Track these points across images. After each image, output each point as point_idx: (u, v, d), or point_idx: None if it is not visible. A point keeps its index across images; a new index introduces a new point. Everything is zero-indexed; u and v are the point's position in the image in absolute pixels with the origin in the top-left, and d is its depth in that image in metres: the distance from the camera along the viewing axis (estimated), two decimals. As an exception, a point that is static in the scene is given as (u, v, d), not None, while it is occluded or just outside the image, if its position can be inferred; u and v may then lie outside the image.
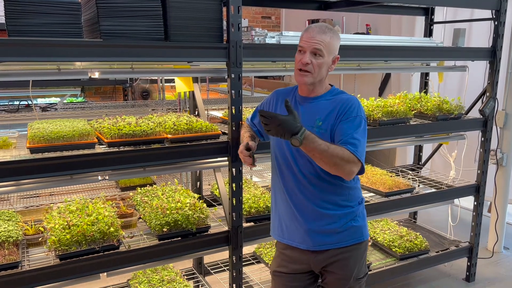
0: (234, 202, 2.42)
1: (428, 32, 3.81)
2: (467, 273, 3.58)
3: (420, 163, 4.05)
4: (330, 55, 1.88)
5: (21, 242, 2.30)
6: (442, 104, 3.25)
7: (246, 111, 2.72)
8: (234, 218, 2.44)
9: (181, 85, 2.78)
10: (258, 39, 2.48)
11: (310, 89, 1.94)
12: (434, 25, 3.82)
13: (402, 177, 3.61)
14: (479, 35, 4.50)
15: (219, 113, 3.20)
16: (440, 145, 3.93)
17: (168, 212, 2.38)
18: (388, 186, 3.16)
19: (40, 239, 2.35)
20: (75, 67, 2.13)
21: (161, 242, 2.31)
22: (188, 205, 2.44)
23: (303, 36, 1.89)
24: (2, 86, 5.21)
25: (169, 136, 2.35)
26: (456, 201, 3.61)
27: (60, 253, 2.08)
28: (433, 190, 3.39)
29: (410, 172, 3.78)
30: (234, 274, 2.52)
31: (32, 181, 2.01)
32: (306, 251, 1.98)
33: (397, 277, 3.28)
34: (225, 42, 2.29)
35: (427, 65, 3.55)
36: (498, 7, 3.15)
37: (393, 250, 3.21)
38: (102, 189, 3.44)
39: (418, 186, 3.50)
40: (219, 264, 3.23)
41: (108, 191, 3.37)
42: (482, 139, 3.41)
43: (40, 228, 2.42)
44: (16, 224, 2.40)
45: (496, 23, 3.21)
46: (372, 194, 3.17)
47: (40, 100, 5.26)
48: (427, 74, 3.89)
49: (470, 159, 3.85)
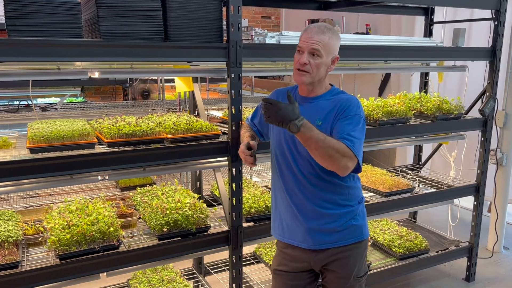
0: (234, 202, 2.42)
1: (428, 32, 3.81)
2: (467, 273, 3.58)
3: (420, 163, 4.05)
4: (329, 55, 1.88)
5: (21, 242, 2.30)
6: (442, 104, 3.25)
7: (246, 111, 2.72)
8: (234, 218, 2.44)
9: (181, 85, 2.78)
10: (258, 39, 2.48)
11: (309, 89, 1.95)
12: (434, 25, 3.82)
13: (402, 177, 3.61)
14: (479, 35, 4.50)
15: (219, 113, 3.20)
16: (440, 145, 3.93)
17: (168, 212, 2.38)
18: (388, 186, 3.16)
19: (40, 239, 2.35)
20: (75, 67, 2.13)
21: (161, 242, 2.31)
22: (188, 205, 2.44)
23: (301, 36, 1.89)
24: (2, 86, 5.20)
25: (169, 136, 2.35)
26: (456, 201, 3.61)
27: (60, 253, 2.08)
28: (433, 190, 3.39)
29: (410, 172, 3.78)
30: (234, 274, 2.52)
31: (32, 181, 2.01)
32: (307, 250, 1.98)
33: (397, 277, 3.28)
34: (225, 42, 2.29)
35: (427, 65, 3.55)
36: (498, 7, 3.16)
37: (393, 250, 3.21)
38: (102, 189, 3.44)
39: (418, 186, 3.50)
40: (219, 264, 3.23)
41: (108, 191, 3.37)
42: (482, 139, 3.41)
43: (40, 228, 2.42)
44: (16, 224, 2.40)
45: (496, 23, 3.21)
46: (372, 194, 3.17)
47: (40, 100, 5.26)
48: (427, 74, 3.89)
49: (470, 159, 3.85)
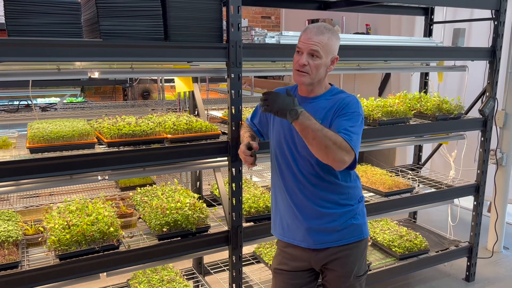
0: (234, 202, 2.42)
1: (428, 32, 3.81)
2: (467, 273, 3.58)
3: (420, 163, 4.05)
4: (328, 55, 1.88)
5: (20, 242, 2.30)
6: (442, 104, 3.25)
7: (246, 111, 2.72)
8: (234, 218, 2.44)
9: (181, 85, 2.78)
10: (257, 39, 2.48)
11: (309, 89, 1.95)
12: (434, 25, 3.82)
13: (402, 177, 3.61)
14: (479, 35, 4.50)
15: (219, 113, 3.19)
16: (440, 145, 3.93)
17: (168, 212, 2.38)
18: (388, 186, 3.16)
19: (40, 239, 2.35)
20: (75, 67, 2.12)
21: (161, 242, 2.31)
22: (188, 205, 2.44)
23: (301, 37, 1.88)
24: (2, 86, 5.20)
25: (169, 136, 2.34)
26: (456, 201, 3.61)
27: (60, 253, 2.08)
28: (433, 190, 3.39)
29: (410, 172, 3.78)
30: (234, 274, 2.52)
31: (32, 181, 2.01)
32: (307, 249, 1.99)
33: (397, 277, 3.28)
34: (224, 42, 2.29)
35: (426, 65, 3.55)
36: (498, 7, 3.16)
37: (393, 250, 3.21)
38: (102, 189, 3.44)
39: (418, 186, 3.51)
40: (219, 264, 3.23)
41: (108, 191, 3.37)
42: (482, 139, 3.41)
43: (40, 228, 2.42)
44: (16, 224, 2.40)
45: (495, 23, 3.21)
46: (372, 194, 3.17)
47: (39, 100, 5.26)
48: (426, 74, 3.89)
49: (469, 159, 3.85)
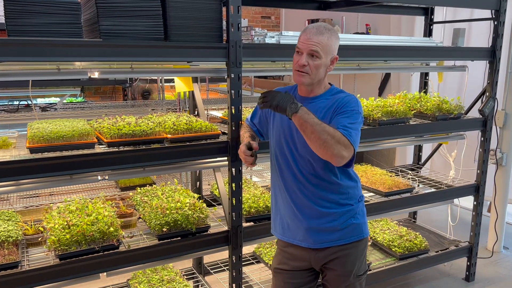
0: (234, 202, 2.42)
1: (428, 32, 3.81)
2: (467, 273, 3.58)
3: (420, 163, 4.06)
4: (328, 56, 1.88)
5: (20, 242, 2.30)
6: (442, 104, 3.25)
7: (246, 111, 2.71)
8: (234, 218, 2.44)
9: (181, 85, 2.78)
10: (257, 39, 2.48)
11: (309, 89, 1.95)
12: (434, 25, 3.82)
13: (402, 177, 3.61)
14: (479, 35, 4.50)
15: (218, 113, 3.19)
16: (439, 145, 3.93)
17: (167, 212, 2.38)
18: (388, 186, 3.16)
19: (39, 239, 2.35)
20: (74, 67, 2.12)
21: (161, 242, 2.31)
22: (187, 205, 2.44)
23: (300, 37, 1.88)
24: (2, 86, 5.21)
25: (169, 136, 2.34)
26: (455, 201, 3.61)
27: (60, 253, 2.08)
28: (433, 190, 3.39)
29: (410, 172, 3.78)
30: (234, 274, 2.52)
31: (31, 181, 2.01)
32: (307, 248, 1.99)
33: (396, 276, 3.28)
34: (224, 42, 2.29)
35: (426, 65, 3.55)
36: (498, 7, 3.16)
37: (393, 250, 3.21)
38: (101, 189, 3.44)
39: (418, 186, 3.51)
40: (218, 264, 3.23)
41: (108, 191, 3.37)
42: (482, 139, 3.41)
43: (39, 228, 2.42)
44: (16, 224, 2.40)
45: (495, 23, 3.21)
46: (371, 194, 3.17)
47: (39, 100, 5.26)
48: (426, 74, 3.89)
49: (469, 159, 3.85)
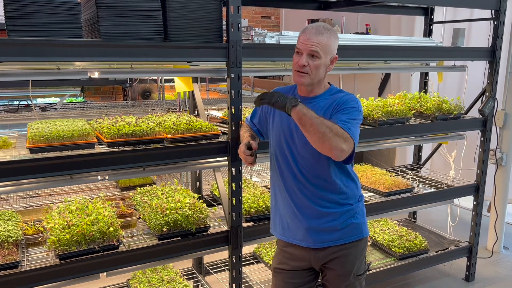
0: (234, 202, 2.42)
1: (428, 32, 3.81)
2: (467, 273, 3.58)
3: (420, 163, 4.06)
4: (328, 55, 1.88)
5: (20, 242, 2.30)
6: (442, 104, 3.25)
7: (246, 111, 2.71)
8: (234, 218, 2.44)
9: (181, 85, 2.78)
10: (257, 39, 2.48)
11: (309, 89, 1.95)
12: (434, 25, 3.82)
13: (402, 177, 3.61)
14: (479, 35, 4.50)
15: (218, 113, 3.19)
16: (439, 145, 3.93)
17: (167, 212, 2.38)
18: (388, 186, 3.16)
19: (39, 239, 2.35)
20: (74, 67, 2.12)
21: (161, 242, 2.31)
22: (187, 205, 2.44)
23: (300, 38, 1.88)
24: (2, 86, 5.21)
25: (169, 136, 2.35)
26: (455, 200, 3.61)
27: (60, 253, 2.08)
28: (433, 190, 3.39)
29: (410, 172, 3.78)
30: (234, 274, 2.52)
31: (31, 181, 2.01)
32: (307, 248, 1.99)
33: (396, 276, 3.28)
34: (224, 42, 2.29)
35: (426, 65, 3.55)
36: (498, 7, 3.16)
37: (393, 249, 3.21)
38: (101, 189, 3.44)
39: (418, 186, 3.51)
40: (218, 264, 3.23)
41: (108, 191, 3.37)
42: (482, 139, 3.41)
43: (39, 228, 2.42)
44: (16, 224, 2.40)
45: (495, 23, 3.21)
46: (371, 194, 3.17)
47: (39, 100, 5.26)
48: (426, 74, 3.89)
49: (469, 159, 3.85)
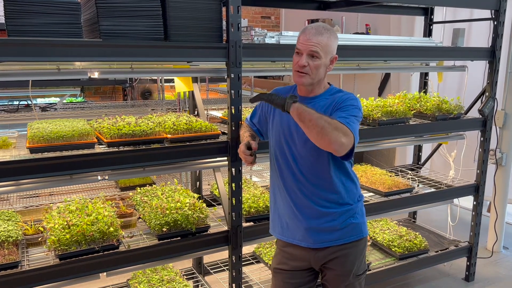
0: (234, 202, 2.42)
1: (428, 32, 3.82)
2: (467, 273, 3.58)
3: (420, 163, 4.06)
4: (328, 55, 1.88)
5: (20, 242, 2.30)
6: (442, 104, 3.25)
7: (246, 111, 2.71)
8: (234, 218, 2.44)
9: (181, 85, 2.79)
10: (257, 39, 2.48)
11: (309, 89, 1.95)
12: (434, 25, 3.82)
13: (402, 177, 3.61)
14: (479, 35, 4.50)
15: (218, 113, 3.19)
16: (439, 145, 3.94)
17: (167, 212, 2.38)
18: (388, 186, 3.16)
19: (39, 239, 2.35)
20: (74, 67, 2.13)
21: (161, 242, 2.31)
22: (187, 205, 2.44)
23: (299, 38, 1.88)
24: (2, 86, 5.21)
25: (169, 136, 2.35)
26: (455, 200, 3.61)
27: (60, 253, 2.08)
28: (433, 190, 3.39)
29: (410, 172, 3.78)
30: (234, 274, 2.52)
31: (31, 181, 2.01)
32: (307, 248, 1.99)
33: (396, 276, 3.28)
34: (224, 42, 2.29)
35: (426, 65, 3.55)
36: (498, 7, 3.16)
37: (393, 249, 3.21)
38: (101, 189, 3.44)
39: (418, 186, 3.51)
40: (218, 264, 3.23)
41: (108, 191, 3.37)
42: (482, 139, 3.41)
43: (39, 228, 2.42)
44: (16, 224, 2.40)
45: (495, 23, 3.21)
46: (371, 193, 3.17)
47: (39, 100, 5.26)
48: (426, 74, 3.89)
49: (469, 159, 3.85)
